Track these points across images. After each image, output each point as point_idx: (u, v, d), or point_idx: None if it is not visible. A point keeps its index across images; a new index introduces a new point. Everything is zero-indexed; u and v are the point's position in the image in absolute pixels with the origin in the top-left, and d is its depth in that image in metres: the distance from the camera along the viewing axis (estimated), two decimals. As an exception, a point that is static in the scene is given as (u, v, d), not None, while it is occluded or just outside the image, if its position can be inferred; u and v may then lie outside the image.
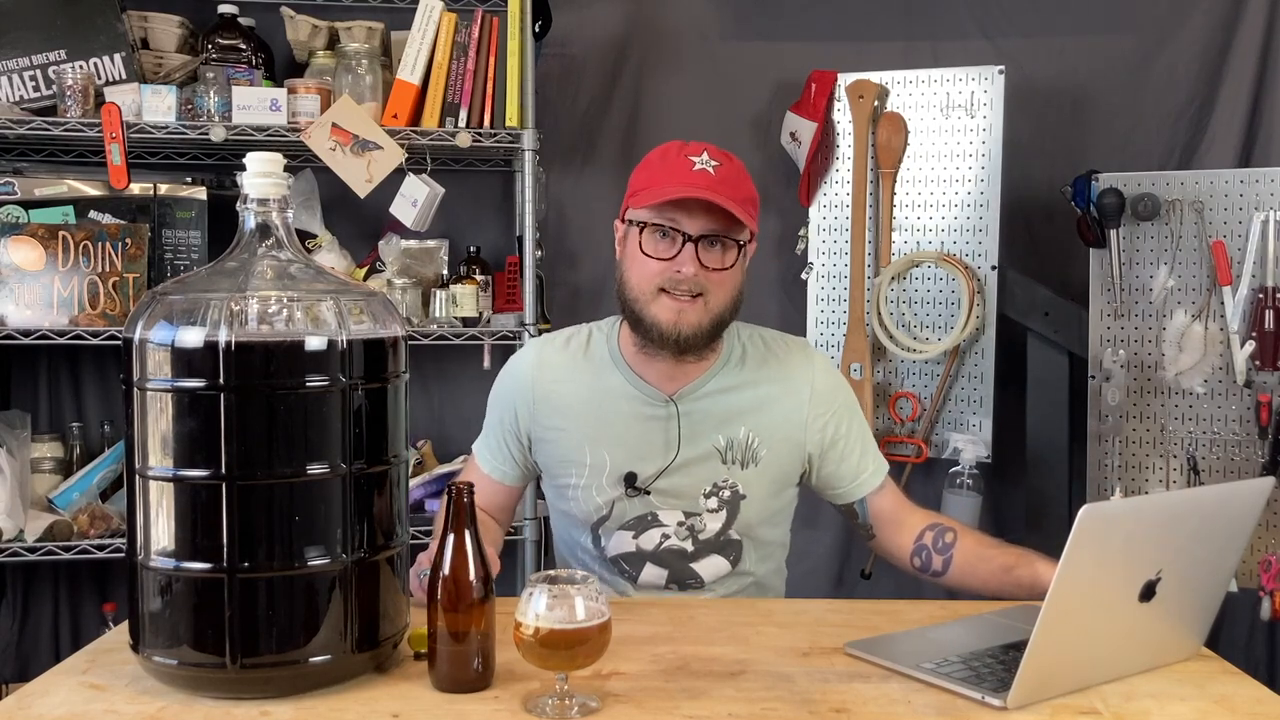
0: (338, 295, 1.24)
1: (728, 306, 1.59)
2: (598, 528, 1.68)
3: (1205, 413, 2.50)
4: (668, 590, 1.68)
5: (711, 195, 1.52)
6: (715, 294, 1.56)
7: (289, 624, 1.19)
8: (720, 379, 1.66)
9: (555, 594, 1.17)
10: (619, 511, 1.65)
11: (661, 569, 1.67)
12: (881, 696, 1.22)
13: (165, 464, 1.19)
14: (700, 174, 1.54)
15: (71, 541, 2.38)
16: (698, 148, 1.58)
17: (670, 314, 1.55)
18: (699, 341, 1.58)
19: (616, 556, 1.68)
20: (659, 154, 1.62)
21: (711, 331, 1.59)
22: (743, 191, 1.58)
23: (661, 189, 1.54)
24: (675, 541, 1.66)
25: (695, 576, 1.68)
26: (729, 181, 1.55)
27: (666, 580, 1.68)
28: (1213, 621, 1.38)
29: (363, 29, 2.54)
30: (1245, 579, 2.43)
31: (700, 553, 1.67)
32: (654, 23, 2.89)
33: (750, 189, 1.61)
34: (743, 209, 1.55)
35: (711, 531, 1.66)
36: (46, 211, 2.46)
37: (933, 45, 2.86)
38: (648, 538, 1.66)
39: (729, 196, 1.53)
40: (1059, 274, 2.76)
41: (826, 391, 1.69)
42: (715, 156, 1.57)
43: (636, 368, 1.65)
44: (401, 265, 2.60)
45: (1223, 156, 2.77)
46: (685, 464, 1.64)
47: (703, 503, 1.65)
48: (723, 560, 1.68)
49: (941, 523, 1.67)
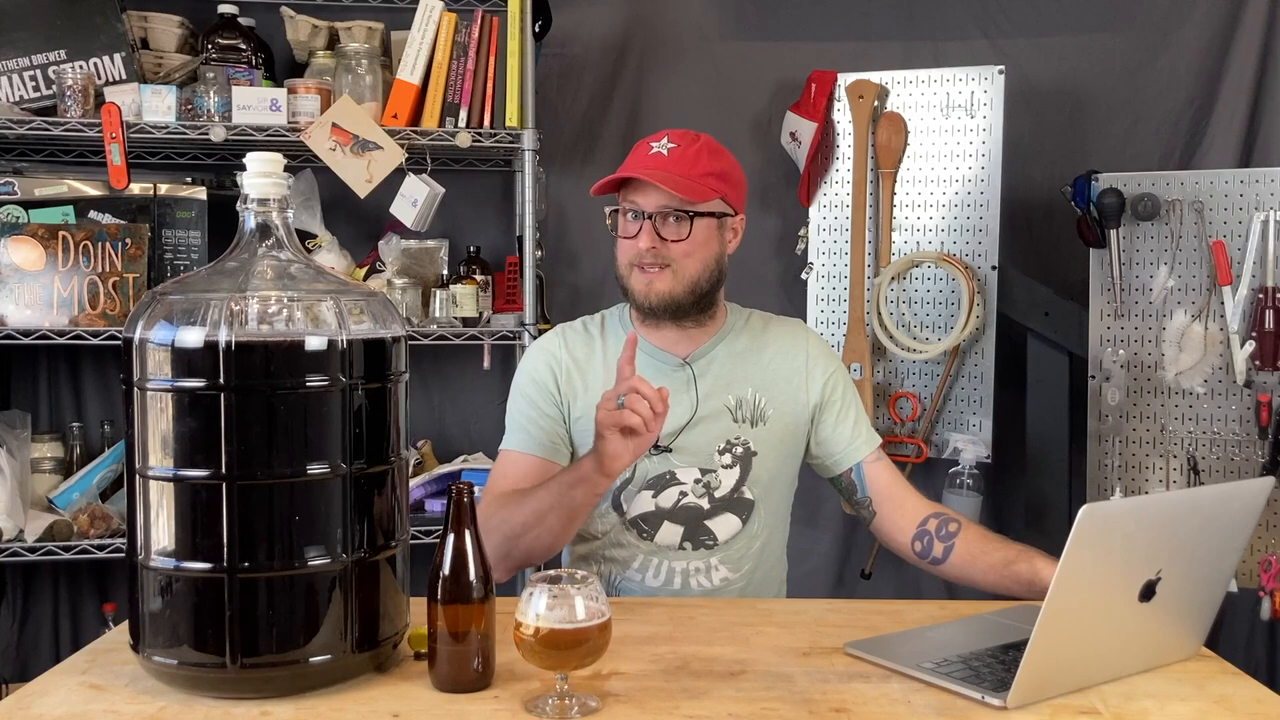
0: (338, 295, 1.24)
1: (700, 273, 1.70)
2: (620, 493, 1.73)
3: (1205, 413, 2.50)
4: (681, 549, 1.72)
5: (647, 174, 1.65)
6: (682, 263, 1.68)
7: (289, 624, 1.19)
8: (727, 344, 1.78)
9: (555, 594, 1.17)
10: (641, 472, 1.73)
11: (678, 526, 1.72)
12: (881, 696, 1.23)
13: (165, 464, 1.19)
14: (654, 157, 1.68)
15: (71, 541, 2.38)
16: (662, 134, 1.72)
17: (642, 285, 1.70)
18: (674, 306, 1.70)
19: (636, 518, 1.73)
20: (635, 145, 1.75)
21: (688, 298, 1.70)
22: (698, 168, 1.68)
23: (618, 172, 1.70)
24: (692, 499, 1.73)
25: (710, 534, 1.73)
26: (683, 160, 1.68)
27: (681, 539, 1.72)
28: (1213, 621, 1.38)
29: (363, 29, 2.54)
30: (1245, 579, 2.43)
31: (715, 510, 1.73)
32: (654, 23, 2.89)
33: (712, 164, 1.70)
34: (697, 183, 1.66)
35: (726, 488, 1.73)
36: (46, 211, 2.46)
37: (933, 45, 2.87)
38: (666, 496, 1.73)
39: (679, 174, 1.65)
40: (1059, 274, 2.76)
41: (822, 357, 1.81)
42: (675, 140, 1.70)
43: (649, 337, 1.77)
44: (401, 265, 2.60)
45: (1223, 156, 2.77)
46: (701, 421, 1.73)
47: (717, 459, 1.73)
48: (735, 519, 1.74)
49: (947, 513, 1.72)
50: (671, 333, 1.75)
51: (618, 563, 1.74)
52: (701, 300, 1.72)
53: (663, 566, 1.73)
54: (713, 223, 1.70)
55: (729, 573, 1.74)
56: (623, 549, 1.74)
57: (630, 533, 1.74)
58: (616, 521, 1.74)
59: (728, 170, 1.72)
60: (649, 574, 1.73)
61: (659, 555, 1.73)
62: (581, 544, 1.79)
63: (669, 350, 1.76)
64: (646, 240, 1.67)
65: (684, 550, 1.73)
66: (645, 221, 1.67)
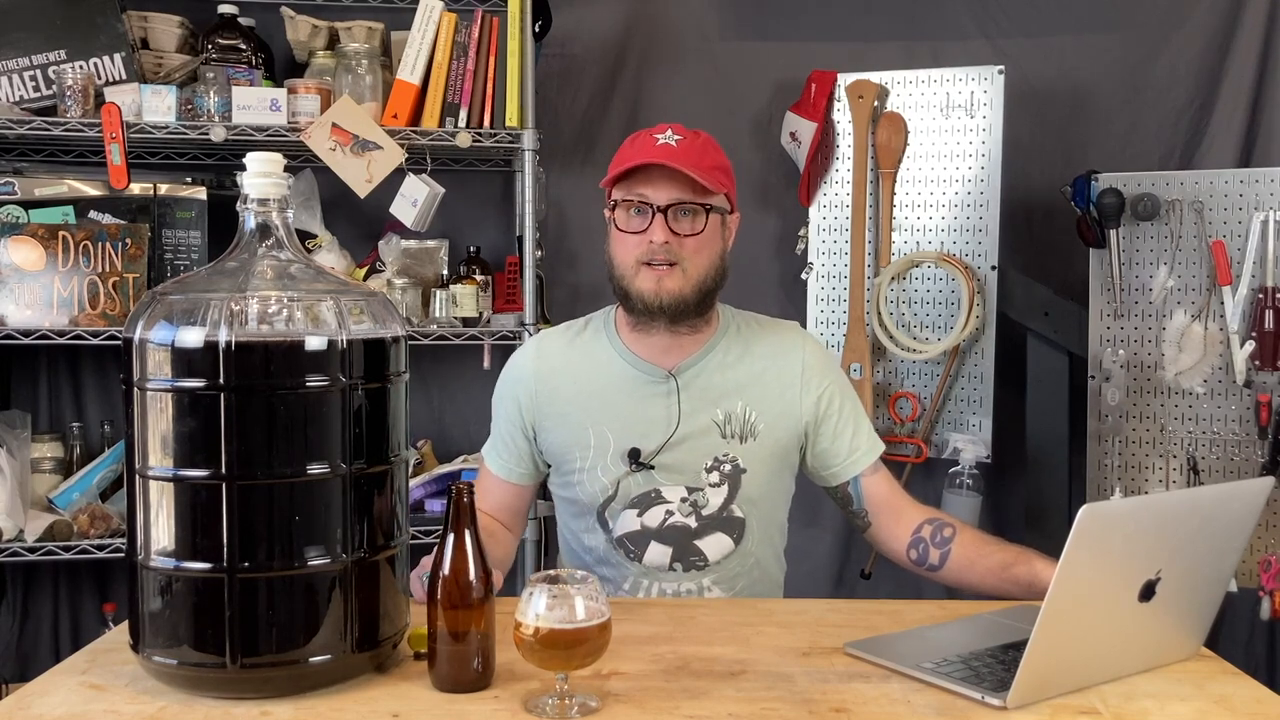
0: (338, 295, 1.24)
1: (708, 273, 1.64)
2: (604, 510, 1.69)
3: (1205, 413, 2.50)
4: (672, 570, 1.69)
5: (669, 161, 1.58)
6: (692, 260, 1.61)
7: (289, 624, 1.19)
8: (716, 354, 1.70)
9: (555, 594, 1.17)
10: (624, 490, 1.68)
11: (666, 547, 1.68)
12: (881, 696, 1.22)
13: (165, 464, 1.19)
14: (663, 148, 1.60)
15: (71, 541, 2.38)
16: (663, 127, 1.65)
17: (651, 284, 1.61)
18: (684, 308, 1.63)
19: (622, 537, 1.69)
20: (630, 138, 1.68)
21: (695, 298, 1.63)
22: (708, 160, 1.62)
23: (622, 164, 1.62)
24: (679, 518, 1.68)
25: (700, 555, 1.69)
26: (692, 151, 1.61)
27: (671, 559, 1.68)
28: (1213, 621, 1.38)
29: (363, 29, 2.54)
30: (1245, 579, 2.43)
31: (704, 530, 1.68)
32: (654, 23, 2.89)
33: (718, 158, 1.65)
34: (709, 175, 1.60)
35: (714, 506, 1.68)
36: (46, 211, 2.46)
37: (933, 45, 2.87)
38: (652, 515, 1.68)
39: (693, 164, 1.59)
40: (1059, 274, 2.76)
41: (818, 366, 1.73)
42: (679, 133, 1.63)
43: (633, 347, 1.70)
44: (401, 265, 2.60)
45: (1223, 156, 2.77)
46: (686, 438, 1.67)
47: (704, 477, 1.68)
48: (726, 538, 1.69)
49: (941, 518, 1.68)
50: (661, 340, 1.67)
51: (609, 582, 1.70)
52: (705, 300, 1.65)
53: (654, 588, 1.69)
54: (718, 218, 1.65)
55: (722, 593, 1.70)
56: (613, 567, 1.71)
57: (618, 552, 1.70)
58: (604, 539, 1.71)
59: (729, 167, 1.68)
60: (640, 595, 1.69)
61: (649, 577, 1.69)
62: (573, 558, 1.77)
63: (654, 362, 1.68)
64: (660, 234, 1.59)
65: (674, 572, 1.69)
66: (657, 215, 1.59)
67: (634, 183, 1.61)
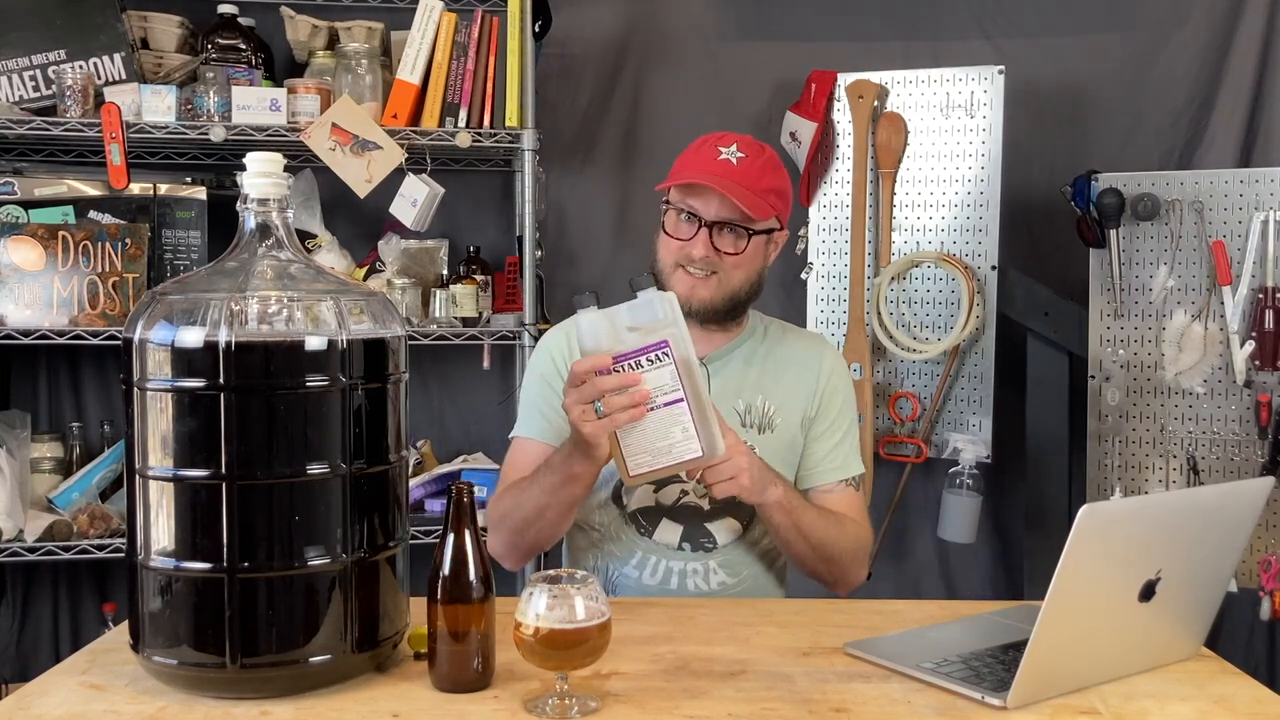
0: (338, 295, 1.24)
1: (743, 286, 1.70)
2: (621, 485, 1.71)
3: (1205, 413, 2.50)
4: (680, 550, 1.71)
5: (719, 184, 1.62)
6: (729, 274, 1.67)
7: (289, 624, 1.19)
8: (745, 349, 1.77)
9: (555, 594, 1.17)
10: None
11: (677, 525, 1.71)
12: (881, 696, 1.23)
13: (165, 464, 1.19)
14: (722, 164, 1.65)
15: (71, 541, 2.38)
16: (730, 139, 1.68)
17: (685, 288, 1.67)
18: (712, 314, 1.70)
19: (635, 511, 1.72)
20: (698, 142, 1.72)
21: (725, 306, 1.69)
22: (763, 183, 1.66)
23: (681, 173, 1.67)
24: (693, 498, 1.71)
25: (709, 536, 1.72)
26: (750, 173, 1.65)
27: (680, 538, 1.71)
28: (1212, 621, 1.38)
29: (363, 29, 2.54)
30: (1245, 579, 2.43)
31: (715, 513, 1.72)
32: (654, 23, 2.89)
33: (775, 181, 1.69)
34: (759, 199, 1.64)
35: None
36: (46, 211, 2.46)
37: (933, 45, 2.87)
38: (667, 492, 1.71)
39: (746, 187, 1.62)
40: (1059, 274, 2.76)
41: (832, 373, 1.79)
42: (744, 149, 1.67)
43: None
44: (401, 265, 2.60)
45: (1223, 156, 2.77)
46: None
47: None
48: (735, 523, 1.73)
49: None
50: (694, 332, 1.69)
51: (616, 558, 1.74)
52: (735, 309, 1.72)
53: (660, 565, 1.72)
54: (763, 238, 1.70)
55: (726, 577, 1.72)
56: (621, 543, 1.74)
57: (629, 527, 1.73)
58: (616, 515, 1.74)
59: (785, 189, 1.72)
60: (646, 571, 1.72)
61: (657, 553, 1.72)
62: (580, 535, 1.79)
63: None
64: (701, 249, 1.64)
65: (682, 551, 1.72)
66: (702, 229, 1.65)
67: (688, 192, 1.66)
